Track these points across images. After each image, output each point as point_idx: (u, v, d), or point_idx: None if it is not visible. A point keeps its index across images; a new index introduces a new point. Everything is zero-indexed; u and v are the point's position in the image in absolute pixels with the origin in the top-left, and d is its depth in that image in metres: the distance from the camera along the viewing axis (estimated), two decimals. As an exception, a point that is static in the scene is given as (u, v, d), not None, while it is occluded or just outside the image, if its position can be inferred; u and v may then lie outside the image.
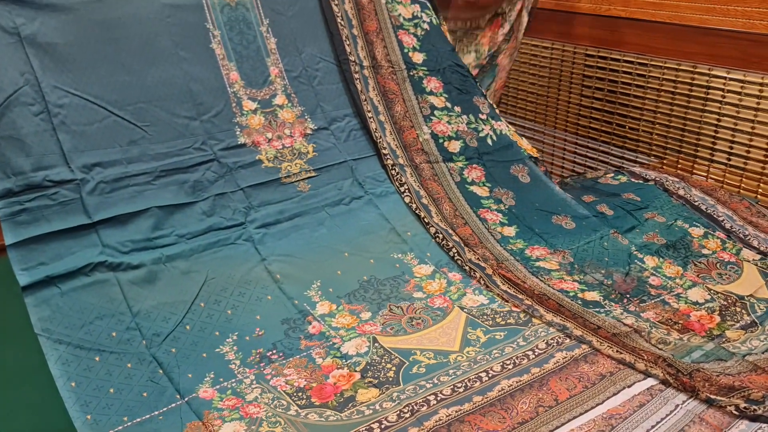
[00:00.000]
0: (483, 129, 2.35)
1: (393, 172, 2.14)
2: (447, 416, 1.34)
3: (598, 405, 1.38)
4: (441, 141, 2.26)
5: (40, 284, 1.50)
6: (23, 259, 1.52)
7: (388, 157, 2.15)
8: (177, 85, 1.89)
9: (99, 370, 1.43)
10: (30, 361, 2.42)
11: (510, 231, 2.07)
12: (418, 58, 2.33)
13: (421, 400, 1.39)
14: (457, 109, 2.33)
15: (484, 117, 2.38)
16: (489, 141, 2.35)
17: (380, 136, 2.17)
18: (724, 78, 2.43)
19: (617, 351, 1.53)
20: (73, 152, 1.66)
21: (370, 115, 2.18)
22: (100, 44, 1.79)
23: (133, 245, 1.65)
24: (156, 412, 1.35)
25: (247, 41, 2.05)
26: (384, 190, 2.10)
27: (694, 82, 2.56)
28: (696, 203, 2.21)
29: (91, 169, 1.67)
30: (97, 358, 1.44)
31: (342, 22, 2.24)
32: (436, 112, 2.29)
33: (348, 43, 2.23)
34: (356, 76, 2.20)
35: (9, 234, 1.52)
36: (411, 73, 2.30)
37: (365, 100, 2.19)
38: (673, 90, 2.64)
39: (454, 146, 2.28)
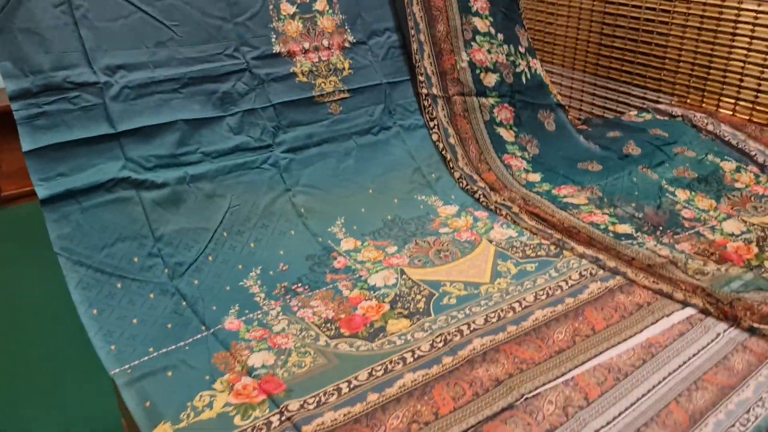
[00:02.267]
0: (520, 64, 2.27)
1: (425, 103, 2.07)
2: (482, 345, 1.30)
3: (636, 334, 1.34)
4: (478, 72, 2.17)
5: (60, 197, 1.42)
6: (42, 168, 1.42)
7: (423, 85, 2.07)
8: None
9: (121, 298, 1.38)
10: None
11: (535, 177, 2.01)
12: None
13: (453, 330, 1.34)
14: (500, 36, 2.22)
15: (522, 51, 2.28)
16: (524, 78, 2.26)
17: (418, 59, 2.08)
18: (755, 11, 2.33)
19: (653, 281, 1.48)
20: (96, 51, 1.54)
21: (412, 32, 2.08)
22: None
23: (157, 161, 1.57)
24: (182, 343, 1.31)
25: None
26: (413, 123, 2.03)
27: (722, 15, 2.45)
28: (726, 138, 2.14)
29: (115, 72, 1.56)
30: (119, 285, 1.39)
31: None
32: (477, 38, 2.18)
33: (395, -52, 2.10)
34: None
35: (26, 139, 1.41)
36: None
37: (409, 14, 2.08)
38: (699, 25, 2.53)
39: (490, 79, 2.19)
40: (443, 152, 1.99)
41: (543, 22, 3.23)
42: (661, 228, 1.72)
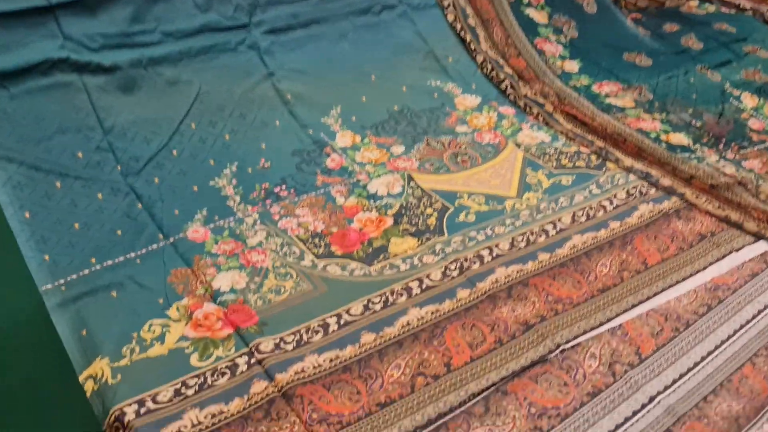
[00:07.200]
0: None
1: None
2: (506, 277, 1.05)
3: (698, 272, 1.09)
4: None
5: None
6: None
7: None
8: None
9: (61, 199, 1.12)
10: None
11: (572, 66, 1.70)
12: None
13: (472, 256, 1.08)
14: None
15: None
16: None
17: None
18: None
19: (718, 207, 1.21)
20: None
21: None
22: None
23: (104, 41, 1.28)
24: (132, 254, 1.06)
25: None
26: (423, 2, 1.69)
27: None
28: (804, 38, 1.81)
29: None
30: (58, 184, 1.13)
31: None
32: None
33: None
34: None
35: None
36: None
37: None
38: None
39: None
40: (461, 33, 1.66)
41: None
42: (724, 140, 1.43)
